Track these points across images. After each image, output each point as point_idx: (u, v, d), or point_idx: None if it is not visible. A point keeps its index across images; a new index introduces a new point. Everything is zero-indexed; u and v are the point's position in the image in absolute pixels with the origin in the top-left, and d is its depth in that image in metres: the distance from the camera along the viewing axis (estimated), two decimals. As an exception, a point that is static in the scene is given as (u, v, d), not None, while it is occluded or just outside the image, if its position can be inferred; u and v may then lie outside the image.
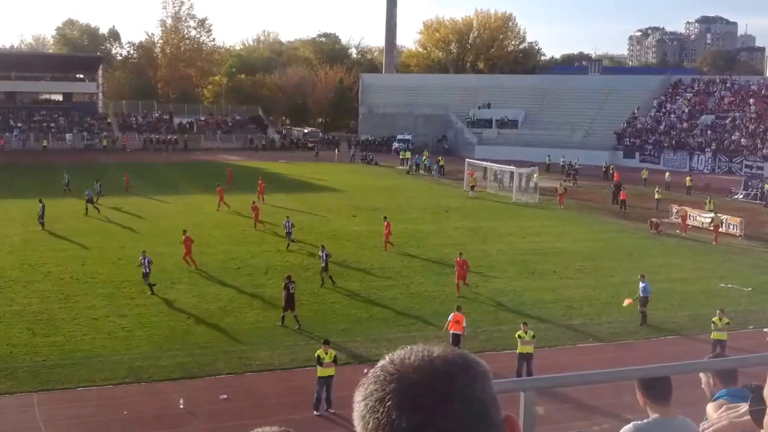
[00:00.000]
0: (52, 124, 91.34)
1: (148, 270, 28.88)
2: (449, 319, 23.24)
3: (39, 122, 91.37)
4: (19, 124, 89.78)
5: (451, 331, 22.71)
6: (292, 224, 37.52)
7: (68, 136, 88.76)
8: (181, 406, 18.82)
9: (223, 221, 44.08)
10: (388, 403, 1.31)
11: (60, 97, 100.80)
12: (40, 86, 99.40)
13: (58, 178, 54.60)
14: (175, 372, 21.61)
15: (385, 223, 37.81)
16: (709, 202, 49.02)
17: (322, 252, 30.89)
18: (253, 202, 43.36)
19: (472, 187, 57.09)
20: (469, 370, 1.36)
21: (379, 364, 1.42)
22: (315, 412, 18.81)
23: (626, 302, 26.73)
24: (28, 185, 54.46)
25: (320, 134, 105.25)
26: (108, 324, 25.41)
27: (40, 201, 40.64)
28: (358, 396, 1.39)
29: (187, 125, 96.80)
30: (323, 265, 30.65)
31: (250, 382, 21.14)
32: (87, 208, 44.11)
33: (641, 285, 26.83)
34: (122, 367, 21.75)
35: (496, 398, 1.38)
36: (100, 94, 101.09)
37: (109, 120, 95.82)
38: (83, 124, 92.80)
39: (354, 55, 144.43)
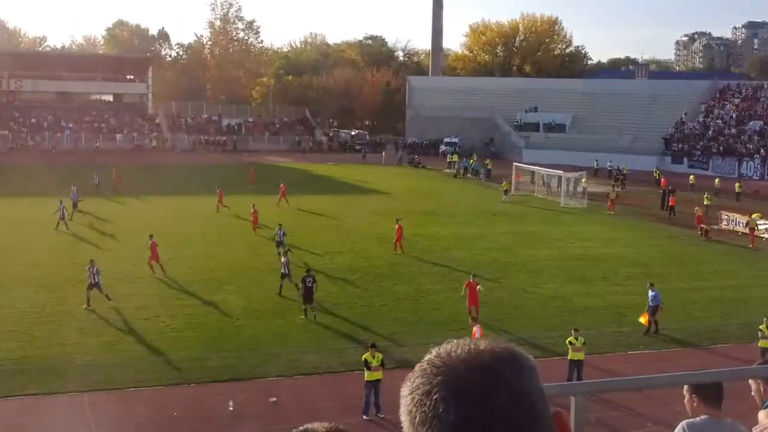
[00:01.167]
0: (103, 125, 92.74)
1: (94, 281, 27.04)
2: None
3: (90, 122, 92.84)
4: (71, 125, 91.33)
5: None
6: (284, 233, 35.75)
7: (118, 136, 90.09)
8: (231, 408, 18.83)
9: (272, 222, 44.15)
10: (434, 396, 1.30)
11: (110, 98, 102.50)
12: (91, 87, 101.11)
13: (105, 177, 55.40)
14: (224, 374, 21.63)
15: (397, 225, 37.33)
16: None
17: (284, 258, 29.43)
18: (253, 206, 41.72)
19: (506, 192, 55.99)
20: (516, 364, 1.34)
21: (426, 357, 1.41)
22: (364, 417, 18.68)
23: (643, 319, 25.92)
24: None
25: (367, 136, 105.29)
26: (158, 324, 25.59)
27: (60, 202, 40.68)
28: (405, 390, 1.38)
29: (235, 126, 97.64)
30: (284, 271, 28.96)
31: (298, 385, 21.07)
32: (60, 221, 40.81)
33: (651, 294, 26.37)
34: (172, 367, 21.85)
35: (543, 393, 1.35)
36: (150, 95, 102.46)
37: (158, 121, 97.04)
38: (133, 124, 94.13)
39: (400, 58, 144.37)
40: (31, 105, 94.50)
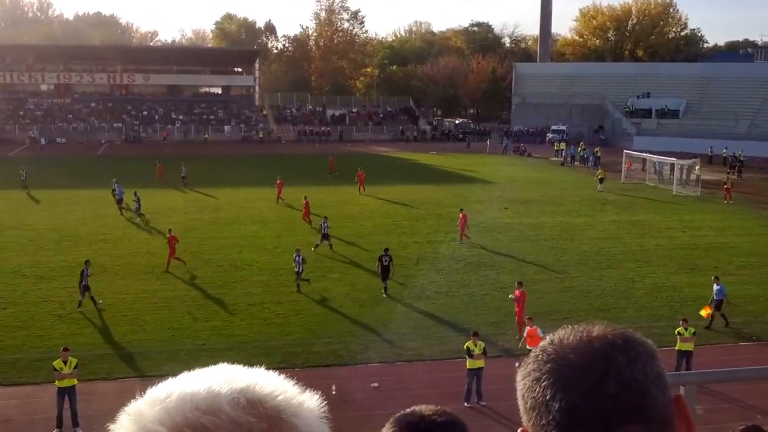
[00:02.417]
0: (212, 117, 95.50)
1: (85, 282, 26.11)
2: (524, 334, 21.41)
3: (199, 115, 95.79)
4: (181, 117, 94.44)
5: (528, 347, 20.84)
6: (327, 225, 34.60)
7: (226, 128, 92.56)
8: (333, 392, 18.98)
9: (375, 212, 44.40)
10: (543, 383, 1.28)
11: (219, 90, 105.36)
12: (200, 80, 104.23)
13: (223, 169, 56.94)
14: (328, 359, 21.88)
15: (461, 214, 36.71)
16: None
17: (298, 257, 28.43)
18: (305, 198, 40.69)
19: (601, 180, 53.96)
20: (630, 350, 1.29)
21: (541, 344, 1.38)
22: (466, 404, 18.52)
23: (705, 312, 24.51)
24: (195, 175, 57.16)
25: (472, 125, 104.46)
26: (264, 310, 26.10)
27: (135, 194, 41.81)
28: (519, 375, 1.36)
29: (339, 117, 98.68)
30: (298, 270, 28.28)
31: (400, 371, 21.06)
32: (121, 210, 42.54)
33: (716, 288, 25.27)
34: (277, 352, 22.23)
35: (661, 378, 1.29)
36: (257, 87, 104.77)
37: (264, 112, 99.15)
38: (241, 116, 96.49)
39: (507, 45, 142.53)
40: (143, 98, 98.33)
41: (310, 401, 1.10)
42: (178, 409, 1.00)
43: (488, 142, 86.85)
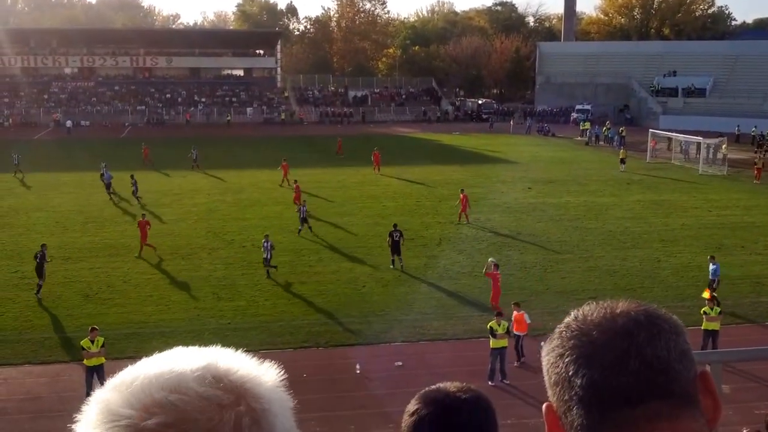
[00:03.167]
0: (234, 99, 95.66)
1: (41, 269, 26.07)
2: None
3: (221, 97, 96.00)
4: (203, 99, 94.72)
5: (515, 333, 20.38)
6: (305, 209, 34.37)
7: (249, 110, 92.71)
8: (357, 371, 19.06)
9: (398, 193, 44.36)
10: (566, 359, 1.29)
11: (241, 73, 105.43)
12: (222, 62, 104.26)
13: (239, 151, 57.06)
14: (351, 338, 21.96)
15: (462, 195, 36.49)
16: None
17: (266, 242, 27.81)
18: (296, 181, 40.66)
19: (623, 161, 53.05)
20: (652, 327, 1.28)
21: (565, 320, 1.37)
22: (489, 383, 18.52)
23: (706, 294, 24.07)
24: (214, 158, 57.41)
25: (495, 105, 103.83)
26: (288, 290, 26.21)
27: (132, 177, 41.74)
28: (544, 351, 1.37)
29: (362, 98, 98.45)
30: (266, 256, 27.68)
31: (424, 350, 21.09)
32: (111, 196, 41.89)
33: (711, 267, 25.17)
34: (301, 331, 22.34)
35: (685, 355, 1.28)
36: (279, 69, 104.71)
37: (286, 94, 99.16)
38: (263, 98, 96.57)
39: (531, 24, 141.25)
40: (166, 81, 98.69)
41: (269, 372, 1.12)
42: (145, 390, 1.01)
43: (511, 122, 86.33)
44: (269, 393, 1.08)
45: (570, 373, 1.27)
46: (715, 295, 23.97)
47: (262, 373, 1.11)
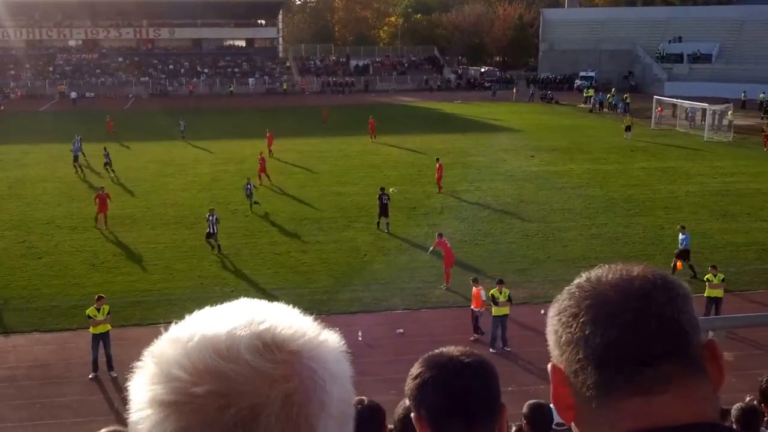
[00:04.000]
0: (236, 70, 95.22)
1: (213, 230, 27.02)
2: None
3: (224, 68, 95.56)
4: (206, 70, 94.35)
5: (474, 309, 20.12)
6: (252, 185, 33.61)
7: (251, 80, 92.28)
8: (360, 339, 19.23)
9: (399, 162, 44.34)
10: (581, 319, 1.28)
11: (243, 43, 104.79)
12: (224, 32, 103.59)
13: (241, 122, 56.87)
14: (353, 306, 22.14)
15: (438, 164, 36.38)
16: None
17: (211, 216, 27.17)
18: (261, 153, 39.80)
19: (628, 128, 52.58)
20: (669, 291, 1.29)
21: (575, 281, 1.36)
22: (491, 350, 18.69)
23: (679, 265, 24.07)
24: (221, 128, 57.35)
25: (498, 73, 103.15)
26: (290, 259, 26.37)
27: (105, 149, 41.18)
28: (552, 311, 1.35)
29: (363, 67, 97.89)
30: (211, 230, 26.99)
31: (425, 318, 21.26)
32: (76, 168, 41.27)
33: (681, 236, 24.90)
34: (303, 300, 22.46)
35: (695, 321, 1.31)
36: (280, 39, 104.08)
37: (288, 64, 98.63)
38: (264, 68, 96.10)
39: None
40: (168, 52, 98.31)
41: (329, 340, 1.07)
42: (200, 354, 0.99)
43: (514, 90, 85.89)
44: (326, 368, 1.03)
45: (586, 332, 1.27)
46: (691, 264, 24.03)
47: (323, 345, 1.05)
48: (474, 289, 20.08)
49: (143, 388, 1.01)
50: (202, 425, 0.96)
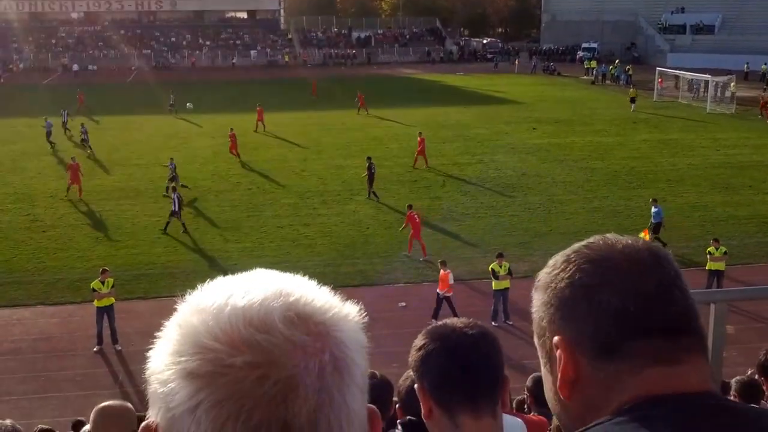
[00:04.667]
0: (238, 42, 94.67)
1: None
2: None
3: (225, 40, 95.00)
4: (208, 42, 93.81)
5: (439, 292, 19.49)
6: (174, 165, 32.07)
7: (252, 53, 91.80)
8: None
9: (400, 135, 44.25)
10: (598, 289, 1.26)
11: (244, 15, 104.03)
12: (226, 4, 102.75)
13: (240, 94, 56.61)
14: (355, 279, 22.25)
15: (419, 138, 35.77)
16: None
17: (175, 194, 26.73)
18: (231, 130, 38.72)
19: (632, 100, 52.30)
20: (672, 263, 1.31)
21: (574, 247, 1.34)
22: (493, 323, 18.80)
23: (643, 235, 24.00)
24: (220, 101, 57.19)
25: (500, 45, 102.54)
26: (292, 232, 26.45)
27: (82, 125, 40.97)
28: (556, 282, 1.33)
29: (365, 39, 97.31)
30: (174, 209, 26.25)
31: (427, 291, 21.31)
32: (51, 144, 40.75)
33: (653, 210, 24.88)
34: (306, 272, 20.69)
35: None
36: (282, 11, 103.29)
37: (290, 36, 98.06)
38: (266, 40, 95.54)
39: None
40: (170, 25, 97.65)
41: (353, 314, 1.08)
42: (233, 324, 0.97)
43: (516, 61, 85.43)
44: (352, 339, 1.04)
45: (607, 302, 1.25)
46: (658, 237, 23.94)
47: (348, 316, 1.06)
48: (442, 271, 19.36)
49: (170, 359, 0.98)
50: (240, 397, 0.94)
